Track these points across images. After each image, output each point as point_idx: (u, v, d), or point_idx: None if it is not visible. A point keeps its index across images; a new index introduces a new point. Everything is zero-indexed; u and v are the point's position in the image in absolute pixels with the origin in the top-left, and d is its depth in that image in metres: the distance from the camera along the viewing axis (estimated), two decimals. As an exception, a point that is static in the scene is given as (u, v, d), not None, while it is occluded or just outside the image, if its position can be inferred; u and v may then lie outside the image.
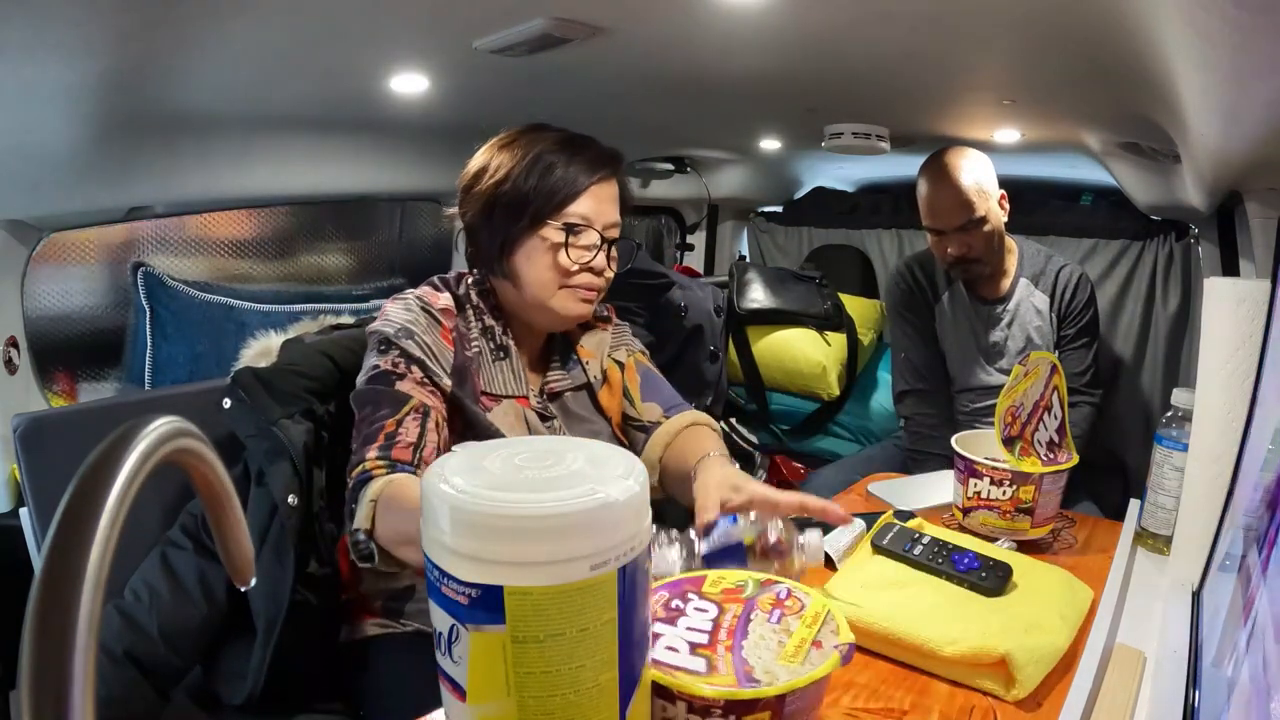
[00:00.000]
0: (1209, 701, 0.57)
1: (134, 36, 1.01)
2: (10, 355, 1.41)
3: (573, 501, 0.42)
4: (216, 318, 1.73)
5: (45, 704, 0.26)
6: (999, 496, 1.00)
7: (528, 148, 0.95)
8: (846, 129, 1.78)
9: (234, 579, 0.45)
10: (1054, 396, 1.05)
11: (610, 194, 0.98)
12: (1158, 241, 2.14)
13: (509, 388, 0.99)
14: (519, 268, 0.96)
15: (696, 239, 2.95)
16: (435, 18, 1.05)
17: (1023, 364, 1.04)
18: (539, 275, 0.95)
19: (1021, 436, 1.02)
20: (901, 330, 1.74)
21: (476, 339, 0.99)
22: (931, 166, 1.56)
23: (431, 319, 0.95)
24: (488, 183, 0.95)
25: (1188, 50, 0.67)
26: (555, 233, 0.94)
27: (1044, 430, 1.03)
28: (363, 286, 2.14)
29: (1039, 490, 0.98)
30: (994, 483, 1.00)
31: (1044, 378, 1.04)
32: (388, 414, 0.87)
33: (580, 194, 0.94)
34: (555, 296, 0.96)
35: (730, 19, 1.04)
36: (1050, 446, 1.03)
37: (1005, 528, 1.00)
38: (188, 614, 1.02)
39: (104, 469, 0.30)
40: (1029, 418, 1.03)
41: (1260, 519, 0.58)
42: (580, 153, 0.96)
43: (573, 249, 0.95)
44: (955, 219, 1.51)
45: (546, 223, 0.94)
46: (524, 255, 0.95)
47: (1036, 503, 0.99)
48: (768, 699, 0.50)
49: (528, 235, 0.95)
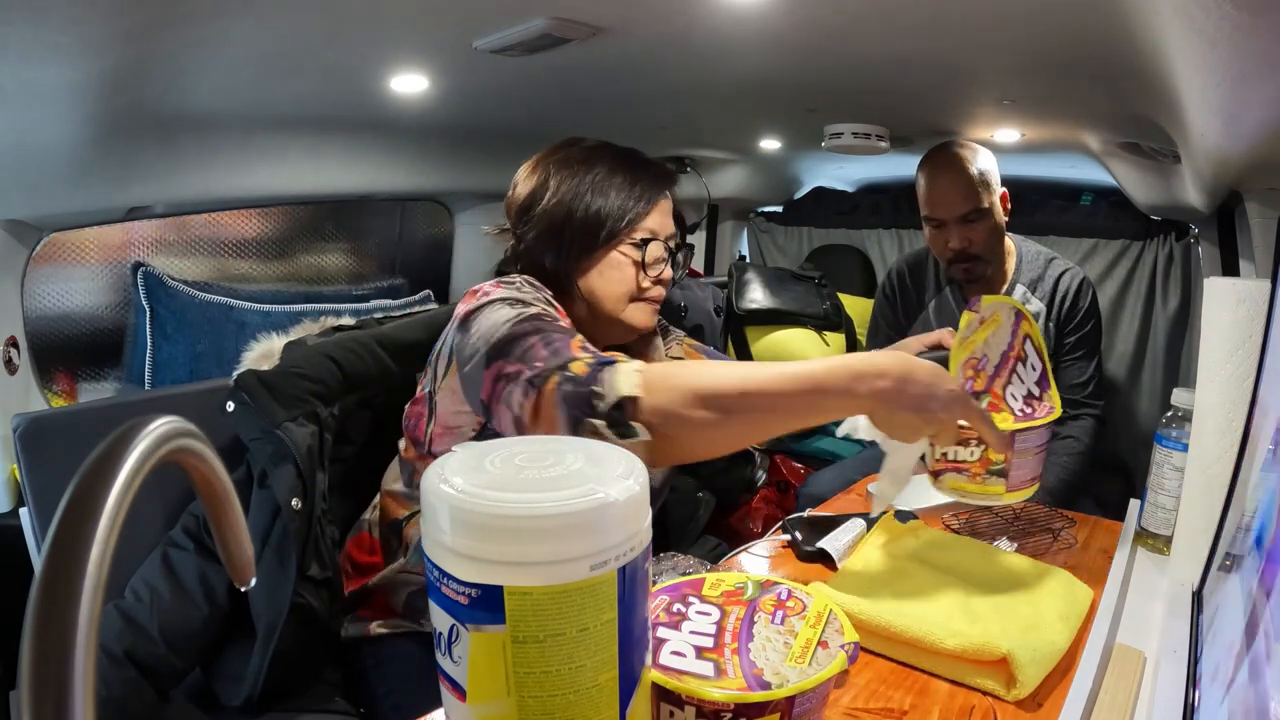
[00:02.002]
0: (1209, 701, 0.57)
1: (134, 36, 1.01)
2: (10, 355, 1.41)
3: (573, 501, 0.41)
4: (216, 318, 1.73)
5: (45, 704, 0.26)
6: (966, 458, 0.88)
7: (589, 166, 0.96)
8: (846, 129, 1.78)
9: (234, 579, 0.45)
10: (1027, 345, 0.93)
11: (669, 207, 1.01)
12: (1158, 241, 2.14)
13: None
14: (592, 284, 0.97)
15: (696, 239, 2.95)
16: (435, 18, 1.05)
17: (974, 309, 0.91)
18: (614, 290, 0.97)
19: (989, 391, 0.91)
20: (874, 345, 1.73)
21: None
22: (934, 156, 1.53)
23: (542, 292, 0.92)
24: (551, 203, 0.95)
25: (1188, 50, 0.67)
26: (631, 249, 0.96)
27: (1019, 383, 0.92)
28: (363, 287, 2.14)
29: (1011, 450, 0.87)
30: (960, 441, 0.88)
31: (1008, 326, 0.92)
32: (566, 336, 0.79)
33: (652, 209, 0.97)
34: (628, 310, 0.98)
35: (730, 19, 1.04)
36: (1029, 400, 0.92)
37: (978, 492, 0.90)
38: (188, 615, 1.02)
39: (104, 469, 0.30)
40: (997, 370, 0.91)
41: (1260, 519, 0.58)
42: (643, 169, 0.98)
43: (648, 265, 0.97)
44: (958, 207, 1.47)
45: (623, 239, 0.96)
46: (598, 273, 0.97)
47: (1010, 463, 0.88)
48: (778, 701, 0.50)
49: (603, 253, 0.96)
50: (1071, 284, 1.55)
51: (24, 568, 1.15)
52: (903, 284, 1.69)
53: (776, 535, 1.05)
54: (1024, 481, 0.89)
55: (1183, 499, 0.90)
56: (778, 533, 1.05)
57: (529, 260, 0.99)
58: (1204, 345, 0.86)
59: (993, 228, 1.50)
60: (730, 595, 0.61)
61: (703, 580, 0.63)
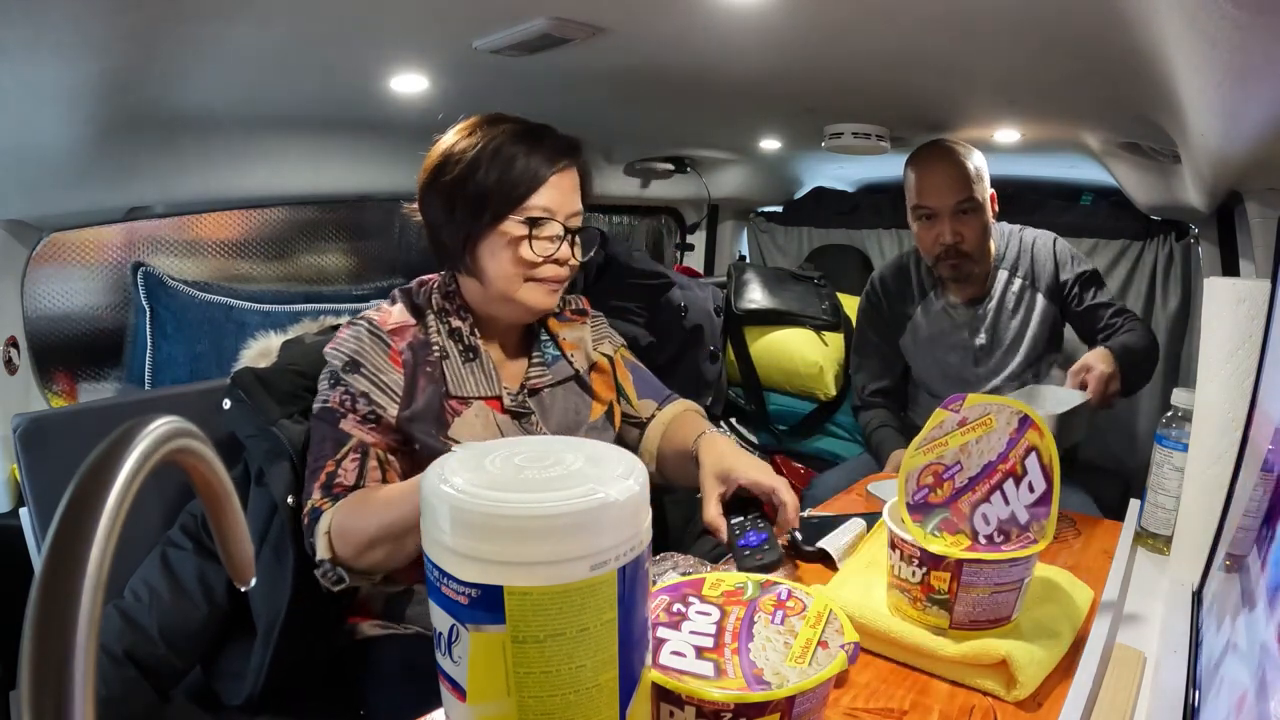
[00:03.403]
0: (1209, 701, 0.57)
1: (134, 36, 1.01)
2: (10, 355, 1.41)
3: (573, 501, 0.41)
4: (216, 318, 1.72)
5: (45, 704, 0.26)
6: (908, 576, 0.73)
7: (486, 140, 0.93)
8: (846, 129, 1.78)
9: (234, 579, 0.45)
10: (1029, 462, 0.71)
11: (571, 183, 0.97)
12: (1158, 241, 2.14)
13: (480, 388, 0.98)
14: (483, 263, 0.95)
15: (696, 239, 2.95)
16: (435, 18, 1.05)
17: (953, 409, 0.75)
18: (503, 269, 0.94)
19: (951, 506, 0.74)
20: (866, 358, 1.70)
21: (441, 343, 0.97)
22: (926, 149, 1.52)
23: (379, 343, 0.94)
24: (447, 178, 0.93)
25: (1188, 50, 0.67)
26: (518, 227, 0.93)
27: (1000, 504, 0.72)
28: (362, 286, 2.14)
29: (957, 582, 0.70)
30: (903, 557, 0.74)
31: (1004, 434, 0.73)
32: (329, 453, 0.91)
33: (541, 186, 0.93)
34: (521, 289, 0.95)
35: (730, 19, 1.04)
36: (1003, 528, 0.72)
37: (917, 619, 0.74)
38: (188, 614, 1.02)
39: (104, 469, 0.30)
40: (972, 483, 0.74)
41: (1260, 519, 0.58)
42: (540, 143, 0.94)
43: (536, 242, 0.93)
44: (952, 196, 1.45)
45: (509, 217, 0.93)
46: (488, 250, 0.94)
47: (955, 597, 0.70)
48: (778, 701, 0.50)
49: (490, 230, 0.93)
50: (1045, 244, 1.55)
51: (24, 568, 1.15)
52: (885, 292, 1.66)
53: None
54: (973, 622, 0.71)
55: (1183, 499, 0.90)
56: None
57: (432, 236, 0.98)
58: (1204, 345, 0.86)
59: (983, 226, 1.49)
60: (730, 595, 0.61)
61: (703, 580, 0.63)
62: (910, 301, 1.64)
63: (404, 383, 0.94)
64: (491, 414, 0.98)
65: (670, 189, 2.65)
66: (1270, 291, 0.72)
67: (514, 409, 0.99)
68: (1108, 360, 1.27)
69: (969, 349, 1.58)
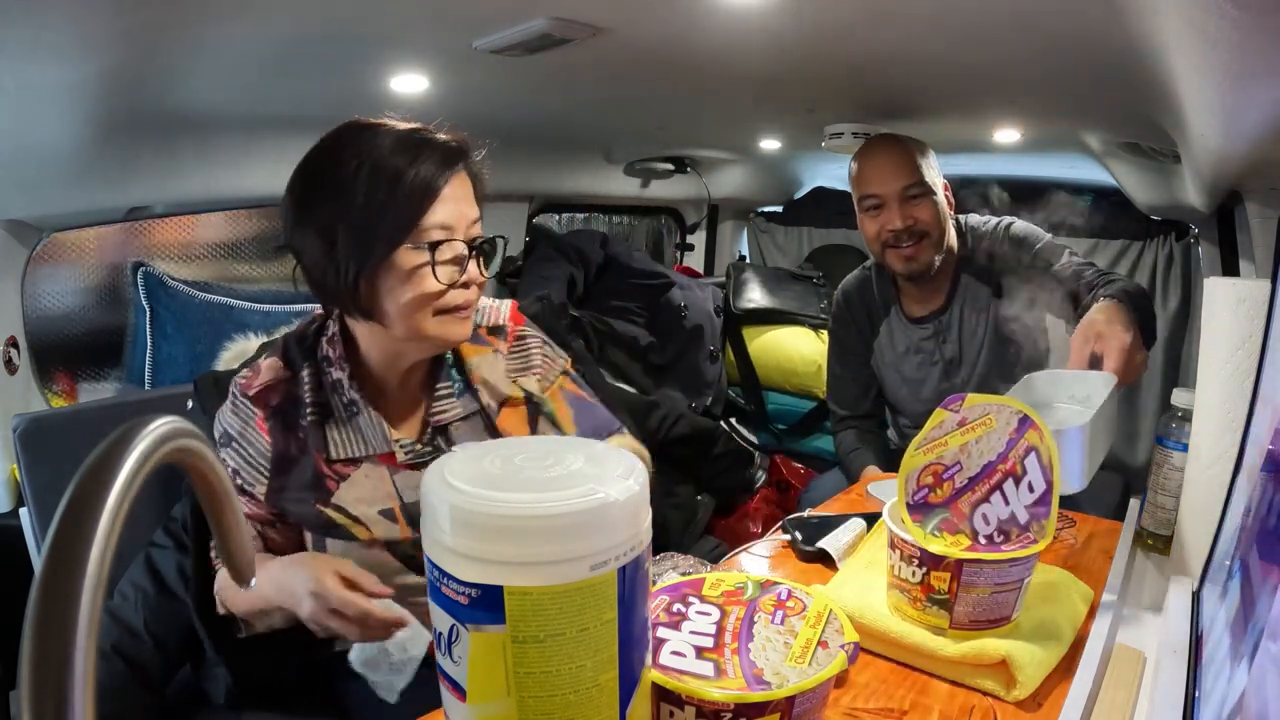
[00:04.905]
0: (1209, 702, 0.57)
1: (134, 36, 1.01)
2: (10, 355, 1.41)
3: (572, 501, 0.42)
4: (216, 318, 1.72)
5: (45, 704, 0.27)
6: (908, 576, 0.73)
7: (359, 158, 0.79)
8: (846, 129, 1.78)
9: (235, 579, 0.45)
10: (1029, 462, 0.72)
11: (465, 190, 0.84)
12: (1158, 241, 2.15)
13: (368, 446, 0.88)
14: (380, 302, 0.82)
15: (696, 239, 2.96)
16: (435, 18, 1.05)
17: (953, 409, 0.75)
18: (405, 307, 0.81)
19: (951, 506, 0.74)
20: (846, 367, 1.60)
21: (315, 403, 0.87)
22: (869, 141, 1.45)
23: (246, 411, 0.87)
24: (321, 209, 0.80)
25: (1188, 50, 0.67)
26: (416, 255, 0.80)
27: (1000, 504, 0.72)
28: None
29: (957, 582, 0.70)
30: (903, 557, 0.74)
31: (1004, 434, 0.73)
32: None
33: (435, 200, 0.80)
34: (429, 324, 0.83)
35: (730, 19, 1.04)
36: (1004, 527, 0.72)
37: (917, 619, 0.74)
38: (175, 609, 1.03)
39: (104, 469, 0.31)
40: (972, 483, 0.74)
41: (1260, 519, 0.58)
42: (423, 150, 0.80)
43: (440, 268, 0.81)
44: (897, 180, 1.34)
45: (403, 245, 0.79)
46: (384, 288, 0.81)
47: (955, 597, 0.71)
48: (778, 701, 0.50)
49: (383, 263, 0.79)
50: (998, 233, 1.40)
51: (24, 568, 1.15)
52: (849, 305, 1.56)
53: (776, 535, 1.05)
54: (973, 622, 0.71)
55: (1183, 499, 0.90)
56: (778, 533, 1.05)
57: (310, 278, 0.84)
58: (1204, 345, 0.86)
59: (938, 212, 1.36)
60: (730, 595, 0.61)
61: (703, 580, 0.63)
62: (875, 317, 1.53)
63: (271, 453, 0.87)
64: (385, 471, 0.89)
65: (670, 189, 2.65)
66: (1270, 291, 0.72)
67: (411, 462, 0.90)
68: (1120, 316, 1.01)
69: (938, 363, 1.47)
